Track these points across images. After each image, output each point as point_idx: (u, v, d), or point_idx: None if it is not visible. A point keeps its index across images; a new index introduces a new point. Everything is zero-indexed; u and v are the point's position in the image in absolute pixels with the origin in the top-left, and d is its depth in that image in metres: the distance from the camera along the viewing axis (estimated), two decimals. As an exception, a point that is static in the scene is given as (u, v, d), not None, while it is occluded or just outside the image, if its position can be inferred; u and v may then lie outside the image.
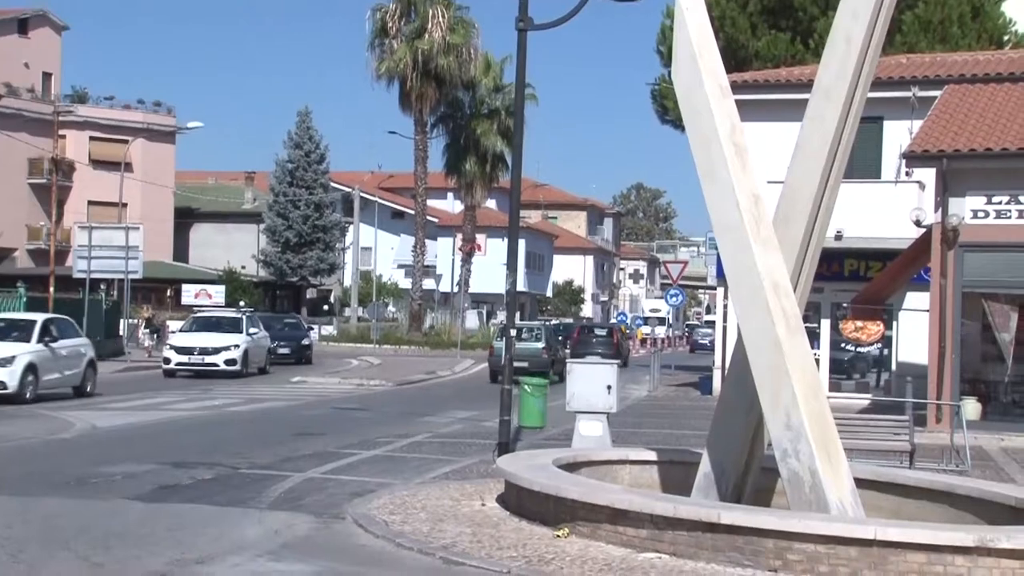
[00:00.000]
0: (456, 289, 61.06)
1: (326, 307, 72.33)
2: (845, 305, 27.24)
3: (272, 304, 68.84)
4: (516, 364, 17.45)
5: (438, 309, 66.20)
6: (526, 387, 21.03)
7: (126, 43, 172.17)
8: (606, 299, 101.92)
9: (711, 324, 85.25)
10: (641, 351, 64.92)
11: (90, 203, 63.22)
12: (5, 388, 23.74)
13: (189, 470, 14.86)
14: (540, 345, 37.06)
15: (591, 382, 16.72)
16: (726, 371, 12.31)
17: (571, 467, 12.68)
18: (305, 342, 43.57)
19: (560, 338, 44.93)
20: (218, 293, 59.82)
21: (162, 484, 13.73)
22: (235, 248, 71.26)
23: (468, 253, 61.21)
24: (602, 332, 50.34)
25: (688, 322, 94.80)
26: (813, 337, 26.81)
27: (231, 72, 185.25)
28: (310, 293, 74.99)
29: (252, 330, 36.03)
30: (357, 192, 66.05)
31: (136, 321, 46.58)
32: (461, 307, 58.65)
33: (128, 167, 60.15)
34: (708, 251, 59.67)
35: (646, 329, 79.92)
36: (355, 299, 64.73)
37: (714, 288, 41.53)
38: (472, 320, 67.29)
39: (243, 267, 69.62)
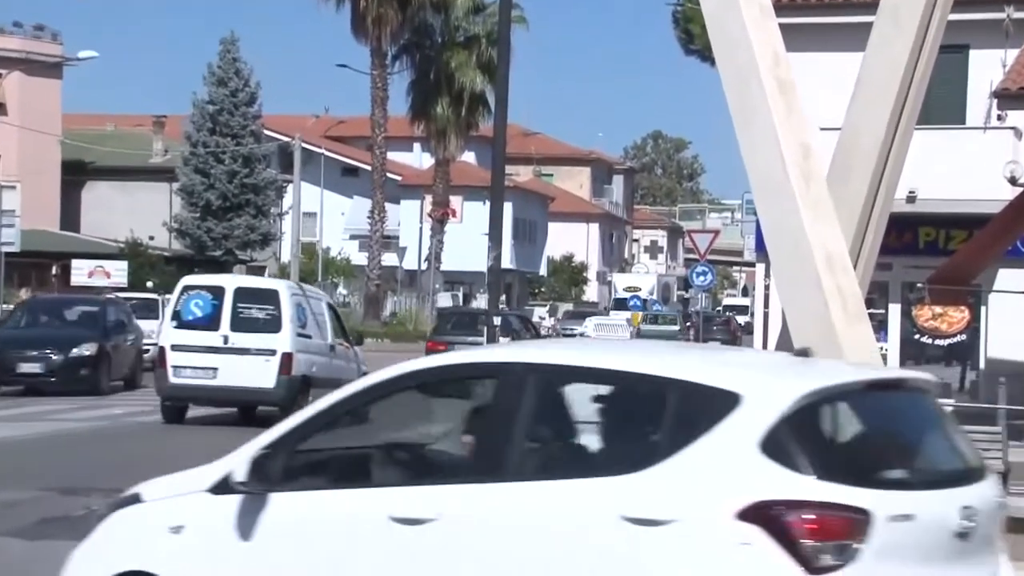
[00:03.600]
0: (425, 266, 61.16)
1: (258, 289, 72.25)
2: (920, 285, 27.27)
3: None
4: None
5: (401, 291, 66.32)
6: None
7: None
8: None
9: (731, 309, 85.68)
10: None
11: (-48, 155, 63.03)
12: None
13: (81, 498, 14.83)
14: (676, 327, 66.55)
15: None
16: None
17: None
18: (77, 352, 29.45)
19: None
20: (119, 271, 59.64)
21: (46, 516, 13.73)
22: (141, 214, 71.11)
23: (440, 220, 61.31)
24: (721, 321, 74.43)
25: (707, 309, 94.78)
26: (879, 325, 26.87)
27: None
28: (238, 270, 74.99)
29: None
30: (298, 142, 65.95)
31: (10, 307, 46.46)
32: (431, 289, 58.68)
33: (1, 108, 60.04)
34: (745, 217, 60.11)
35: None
36: (295, 278, 64.75)
37: (752, 264, 41.64)
38: (445, 304, 67.37)
39: (151, 238, 69.53)
